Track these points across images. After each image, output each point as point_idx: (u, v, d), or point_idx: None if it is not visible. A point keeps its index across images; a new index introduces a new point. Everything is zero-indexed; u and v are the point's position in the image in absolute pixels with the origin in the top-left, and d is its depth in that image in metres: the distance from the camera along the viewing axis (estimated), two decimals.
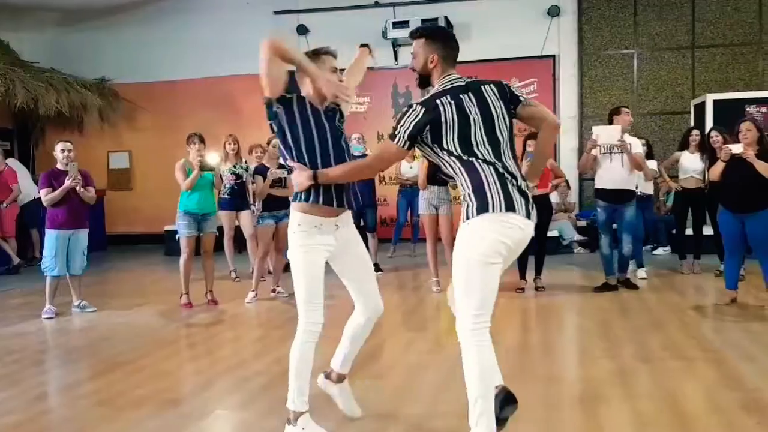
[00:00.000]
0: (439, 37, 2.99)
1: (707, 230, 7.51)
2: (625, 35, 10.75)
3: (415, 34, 3.00)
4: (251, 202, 7.93)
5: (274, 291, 6.82)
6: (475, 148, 2.75)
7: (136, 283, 8.29)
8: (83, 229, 6.16)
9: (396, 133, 2.80)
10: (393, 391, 3.79)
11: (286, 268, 7.72)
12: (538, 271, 6.69)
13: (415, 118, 2.77)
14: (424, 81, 3.00)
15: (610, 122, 6.72)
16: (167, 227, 10.37)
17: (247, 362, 4.48)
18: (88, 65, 12.16)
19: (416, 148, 2.88)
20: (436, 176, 6.69)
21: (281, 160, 3.26)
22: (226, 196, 7.71)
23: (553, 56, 10.86)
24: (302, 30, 11.57)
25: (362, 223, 8.01)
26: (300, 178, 2.96)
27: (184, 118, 12.01)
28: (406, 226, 9.74)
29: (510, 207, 2.67)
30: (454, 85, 2.85)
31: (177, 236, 6.36)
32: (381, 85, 11.50)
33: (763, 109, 9.23)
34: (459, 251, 2.73)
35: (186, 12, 12.05)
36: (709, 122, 9.01)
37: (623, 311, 5.70)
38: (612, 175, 6.51)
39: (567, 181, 9.88)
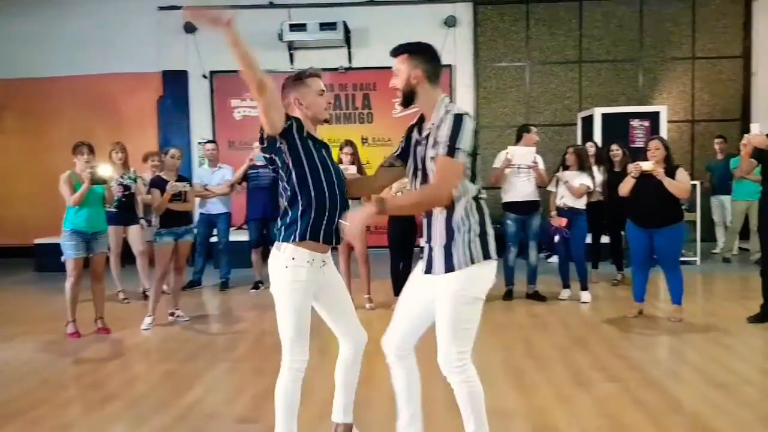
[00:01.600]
0: (422, 52, 2.76)
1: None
2: (518, 48, 10.98)
3: (397, 51, 2.77)
4: (140, 215, 7.29)
5: (172, 315, 6.26)
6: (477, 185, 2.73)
7: (7, 307, 7.36)
8: None
9: (456, 147, 2.57)
10: None
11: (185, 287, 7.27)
12: None
13: (471, 130, 2.61)
14: (408, 99, 2.78)
15: (519, 139, 6.82)
16: (37, 240, 9.39)
17: (166, 405, 3.97)
18: None
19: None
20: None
21: (283, 200, 2.94)
22: (112, 210, 6.99)
23: (450, 66, 10.88)
24: (189, 28, 10.88)
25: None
26: (364, 212, 2.62)
27: (54, 120, 11.04)
28: None
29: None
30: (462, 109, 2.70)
31: (63, 258, 5.65)
32: (277, 88, 11.03)
33: (645, 123, 9.70)
34: (464, 292, 2.66)
35: (59, 4, 10.99)
36: (597, 135, 9.37)
37: (542, 327, 5.70)
38: (520, 189, 6.67)
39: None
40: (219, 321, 6.32)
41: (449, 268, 2.65)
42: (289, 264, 2.81)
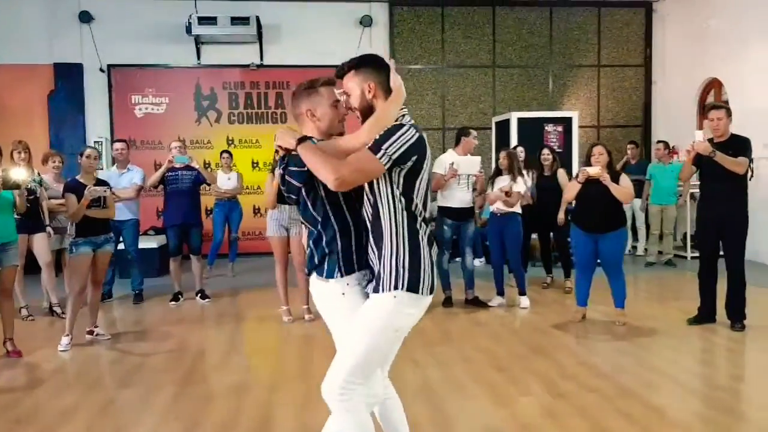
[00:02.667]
0: (368, 64, 2.50)
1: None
2: (434, 51, 10.94)
3: (341, 71, 2.51)
4: (46, 222, 6.53)
5: (91, 333, 5.63)
6: (423, 212, 2.45)
7: None
8: None
9: (382, 149, 2.28)
10: None
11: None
12: None
13: (409, 140, 2.33)
14: (368, 117, 2.48)
15: (458, 142, 6.70)
16: None
17: None
18: None
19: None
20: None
21: (306, 227, 2.58)
22: (15, 217, 6.22)
23: None
24: (85, 17, 10.05)
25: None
26: (286, 137, 2.41)
27: None
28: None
29: (432, 291, 2.46)
30: (417, 127, 2.43)
31: None
32: (182, 84, 10.41)
33: (559, 128, 9.91)
34: (372, 319, 2.39)
35: None
36: (513, 139, 9.45)
37: (493, 335, 5.57)
38: (458, 196, 6.59)
39: None
40: (144, 338, 5.72)
41: (374, 288, 2.41)
42: (346, 291, 2.51)
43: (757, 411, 3.83)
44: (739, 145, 5.42)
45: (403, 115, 2.45)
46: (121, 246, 7.36)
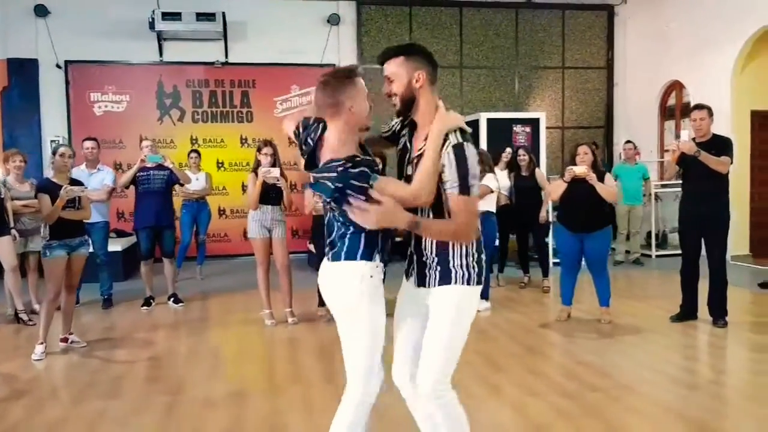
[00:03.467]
0: (420, 53, 2.43)
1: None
2: None
3: (390, 54, 2.43)
4: (11, 224, 6.20)
5: (65, 340, 5.36)
6: None
7: None
8: None
9: (470, 185, 2.27)
10: None
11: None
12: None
13: (475, 156, 2.32)
14: (408, 107, 2.44)
15: None
16: None
17: None
18: None
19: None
20: (270, 195, 5.90)
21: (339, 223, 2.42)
22: None
23: (334, 65, 10.53)
24: (41, 11, 9.64)
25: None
26: (397, 215, 2.28)
27: None
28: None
29: None
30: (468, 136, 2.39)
31: None
32: (144, 82, 10.08)
33: (527, 129, 9.98)
34: (459, 311, 2.41)
35: None
36: (482, 140, 9.47)
37: (482, 335, 5.52)
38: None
39: None
40: (122, 345, 5.47)
41: (446, 280, 2.39)
42: (366, 279, 2.38)
43: (761, 407, 3.88)
44: (721, 145, 5.53)
45: (456, 130, 2.35)
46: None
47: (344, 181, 2.26)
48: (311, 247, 9.35)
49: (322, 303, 6.17)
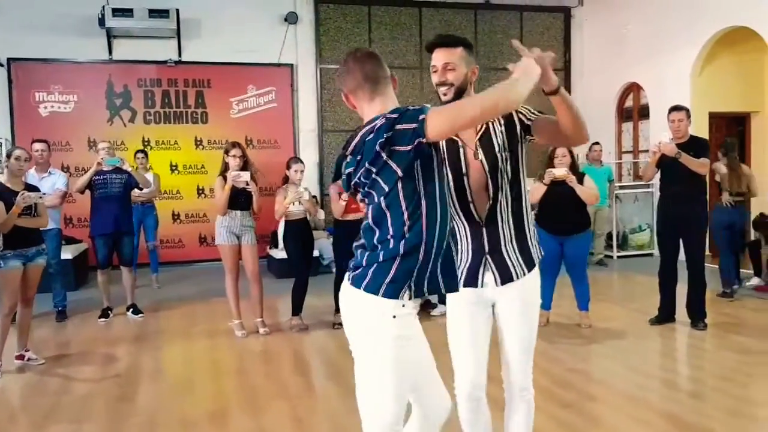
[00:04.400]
0: (472, 48, 2.51)
1: None
2: None
3: (452, 43, 2.42)
4: None
5: (21, 357, 4.97)
6: None
7: None
8: None
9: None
10: None
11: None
12: None
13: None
14: (458, 98, 2.39)
15: None
16: None
17: None
18: None
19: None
20: (239, 200, 5.61)
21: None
22: None
23: (291, 65, 10.27)
24: None
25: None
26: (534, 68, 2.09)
27: None
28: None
29: None
30: None
31: None
32: (93, 81, 9.59)
33: None
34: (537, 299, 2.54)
35: None
36: None
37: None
38: None
39: (315, 197, 9.37)
40: (84, 362, 5.09)
41: (531, 265, 2.45)
42: (386, 318, 2.03)
43: (761, 408, 3.84)
44: (699, 147, 5.54)
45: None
46: None
47: (390, 129, 1.95)
48: (272, 253, 9.06)
49: (297, 311, 5.93)
